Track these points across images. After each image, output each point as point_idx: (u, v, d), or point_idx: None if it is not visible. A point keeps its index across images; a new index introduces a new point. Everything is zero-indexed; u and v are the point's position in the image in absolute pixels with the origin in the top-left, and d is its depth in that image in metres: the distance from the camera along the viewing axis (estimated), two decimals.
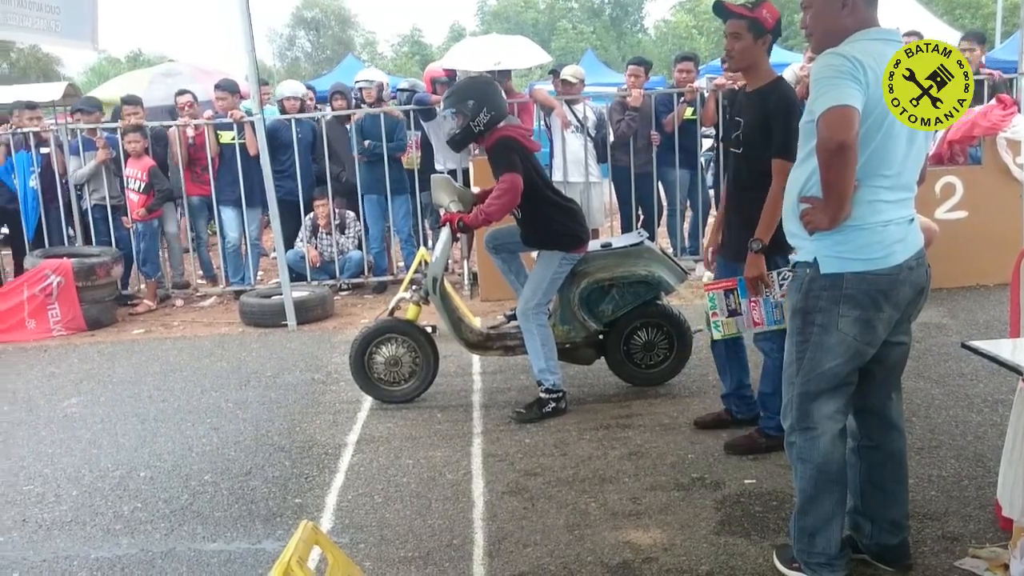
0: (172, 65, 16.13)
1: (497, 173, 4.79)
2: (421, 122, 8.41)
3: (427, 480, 4.20)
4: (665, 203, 8.90)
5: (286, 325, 7.31)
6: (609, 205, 8.92)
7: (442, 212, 5.00)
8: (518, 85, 11.14)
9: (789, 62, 9.61)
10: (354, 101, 9.30)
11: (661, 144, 8.31)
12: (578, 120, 8.30)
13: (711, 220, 9.30)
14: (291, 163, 8.35)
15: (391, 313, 5.41)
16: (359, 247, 8.61)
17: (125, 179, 8.32)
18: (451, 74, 8.92)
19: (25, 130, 8.47)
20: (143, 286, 8.67)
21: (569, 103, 8.34)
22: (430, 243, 9.04)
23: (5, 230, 9.14)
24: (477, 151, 8.27)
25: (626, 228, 8.63)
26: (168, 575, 3.47)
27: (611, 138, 8.41)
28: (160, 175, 8.36)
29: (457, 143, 5.01)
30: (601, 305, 5.10)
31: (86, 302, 7.65)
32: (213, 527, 3.85)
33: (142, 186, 8.20)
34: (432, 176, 5.39)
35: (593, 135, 8.38)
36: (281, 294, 7.44)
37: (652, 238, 8.70)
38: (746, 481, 3.98)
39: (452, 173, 8.24)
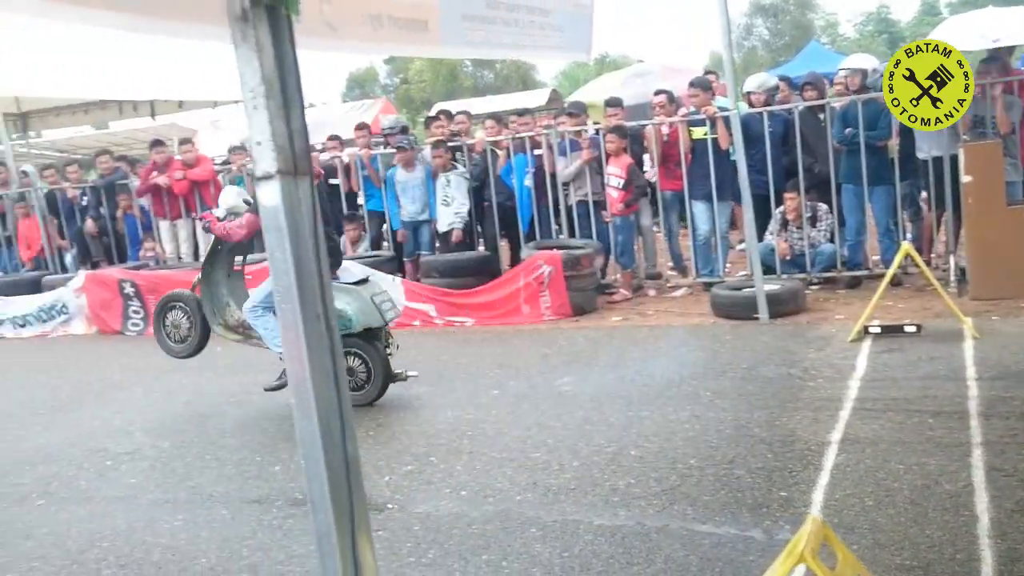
0: (642, 66, 16.96)
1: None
2: None
3: (921, 488, 3.98)
4: None
5: (758, 318, 7.34)
6: None
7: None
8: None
9: None
10: (826, 89, 9.04)
11: None
12: None
13: None
14: (761, 156, 8.34)
15: (194, 287, 6.42)
16: (831, 240, 8.35)
17: (606, 176, 8.94)
18: None
19: (521, 135, 9.48)
20: (619, 276, 9.25)
21: None
22: (908, 235, 8.52)
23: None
24: (967, 135, 7.62)
25: None
26: (663, 550, 3.70)
27: None
28: (638, 172, 8.85)
29: None
30: None
31: (572, 290, 8.35)
32: (702, 510, 4.02)
33: (622, 183, 8.75)
34: (227, 186, 6.75)
35: None
36: (751, 286, 7.50)
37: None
38: None
39: (937, 160, 7.67)
